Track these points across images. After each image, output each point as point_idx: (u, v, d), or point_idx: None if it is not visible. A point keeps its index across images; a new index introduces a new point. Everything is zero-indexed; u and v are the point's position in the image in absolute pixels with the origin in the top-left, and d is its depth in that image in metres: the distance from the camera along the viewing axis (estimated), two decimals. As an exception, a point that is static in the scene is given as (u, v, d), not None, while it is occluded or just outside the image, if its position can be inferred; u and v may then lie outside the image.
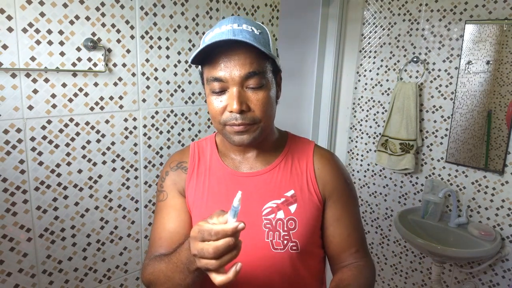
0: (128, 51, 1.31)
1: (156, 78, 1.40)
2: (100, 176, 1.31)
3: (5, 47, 1.06)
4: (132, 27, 1.30)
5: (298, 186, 0.87)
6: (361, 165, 2.33)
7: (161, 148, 1.47)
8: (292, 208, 0.85)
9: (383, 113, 2.19)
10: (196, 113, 1.55)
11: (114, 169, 1.35)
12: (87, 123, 1.25)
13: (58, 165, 1.21)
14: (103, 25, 1.23)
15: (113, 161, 1.34)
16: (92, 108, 1.26)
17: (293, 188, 0.86)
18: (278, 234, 0.83)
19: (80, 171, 1.26)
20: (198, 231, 0.59)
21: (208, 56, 0.78)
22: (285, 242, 0.83)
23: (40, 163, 1.17)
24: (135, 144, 1.39)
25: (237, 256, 0.59)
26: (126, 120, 1.35)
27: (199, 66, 0.84)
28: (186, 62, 1.48)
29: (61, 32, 1.15)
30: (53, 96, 1.17)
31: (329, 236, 0.89)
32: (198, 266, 0.61)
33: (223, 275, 0.58)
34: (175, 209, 0.89)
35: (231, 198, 0.85)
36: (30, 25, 1.09)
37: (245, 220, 0.83)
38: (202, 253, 0.58)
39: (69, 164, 1.23)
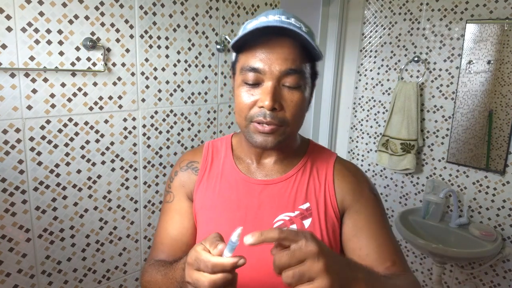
0: (127, 50, 1.30)
1: (155, 78, 1.40)
2: (99, 176, 1.31)
3: (4, 46, 1.05)
4: (131, 27, 1.30)
5: (315, 199, 0.79)
6: (361, 165, 2.33)
7: (160, 148, 1.47)
8: (306, 222, 0.78)
9: (383, 113, 2.18)
10: (195, 113, 1.55)
11: (113, 169, 1.34)
12: (86, 123, 1.25)
13: (57, 165, 1.20)
14: (102, 24, 1.23)
15: (112, 161, 1.34)
16: (91, 108, 1.25)
17: (309, 201, 0.79)
18: None
19: (79, 171, 1.26)
20: (195, 259, 0.55)
21: (247, 44, 0.73)
22: None
23: (39, 163, 1.17)
24: (134, 144, 1.39)
25: None
26: (125, 120, 1.34)
27: (233, 54, 0.79)
28: (186, 61, 1.48)
29: (60, 32, 1.15)
30: (52, 95, 1.16)
31: (355, 249, 0.77)
32: None
33: None
34: (179, 214, 0.85)
35: (242, 205, 0.81)
36: (29, 24, 1.09)
37: (254, 231, 0.79)
38: (198, 284, 0.54)
39: (68, 164, 1.23)
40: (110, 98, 1.29)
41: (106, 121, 1.29)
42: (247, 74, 0.72)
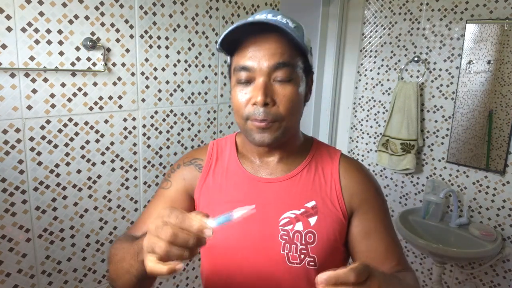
0: (127, 50, 1.30)
1: (155, 78, 1.40)
2: (99, 176, 1.31)
3: (4, 46, 1.05)
4: (131, 27, 1.30)
5: (320, 197, 0.80)
6: (361, 165, 2.33)
7: (160, 148, 1.47)
8: (312, 220, 0.79)
9: (383, 113, 2.18)
10: (195, 113, 1.55)
11: (113, 169, 1.34)
12: (86, 123, 1.25)
13: (57, 165, 1.20)
14: (102, 24, 1.23)
15: (112, 161, 1.34)
16: (91, 108, 1.25)
17: (315, 199, 0.80)
18: (295, 247, 0.77)
19: (79, 171, 1.26)
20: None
21: (238, 45, 0.75)
22: (302, 256, 0.77)
23: (39, 163, 1.17)
24: (134, 144, 1.39)
25: (187, 258, 0.52)
26: (125, 120, 1.34)
27: (228, 58, 0.81)
28: (186, 61, 1.48)
29: (60, 32, 1.14)
30: (52, 96, 1.16)
31: (364, 252, 0.80)
32: (144, 244, 0.54)
33: (158, 264, 0.51)
34: (171, 202, 0.84)
35: (248, 203, 0.79)
36: (29, 24, 1.09)
37: (261, 229, 0.78)
38: (159, 231, 0.51)
39: (68, 164, 1.23)
40: (110, 98, 1.29)
41: (106, 121, 1.29)
42: (239, 74, 0.74)
